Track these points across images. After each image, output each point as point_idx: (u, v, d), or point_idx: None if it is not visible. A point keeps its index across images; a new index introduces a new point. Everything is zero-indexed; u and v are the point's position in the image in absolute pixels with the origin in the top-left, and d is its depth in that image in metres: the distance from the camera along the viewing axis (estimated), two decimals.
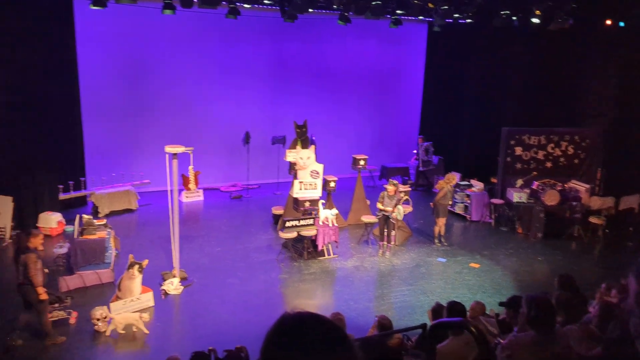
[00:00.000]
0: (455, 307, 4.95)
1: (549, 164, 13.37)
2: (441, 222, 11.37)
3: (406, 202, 11.48)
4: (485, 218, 13.07)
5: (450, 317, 4.84)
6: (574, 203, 11.99)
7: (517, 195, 12.45)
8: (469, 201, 13.22)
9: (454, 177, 11.69)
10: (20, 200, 11.13)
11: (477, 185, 13.44)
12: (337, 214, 11.01)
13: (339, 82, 16.11)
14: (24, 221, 11.07)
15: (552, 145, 13.34)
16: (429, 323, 5.63)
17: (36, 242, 7.10)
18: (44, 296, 7.07)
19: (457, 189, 13.04)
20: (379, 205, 10.65)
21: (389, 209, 10.46)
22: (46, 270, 7.75)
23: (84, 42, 12.55)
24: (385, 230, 10.65)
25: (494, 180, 13.71)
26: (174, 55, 13.93)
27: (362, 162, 12.34)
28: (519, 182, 12.76)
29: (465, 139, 15.77)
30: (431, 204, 11.62)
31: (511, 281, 9.77)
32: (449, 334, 4.63)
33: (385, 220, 10.60)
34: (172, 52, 13.90)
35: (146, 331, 7.46)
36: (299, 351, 1.19)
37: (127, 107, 13.68)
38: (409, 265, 10.38)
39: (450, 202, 11.79)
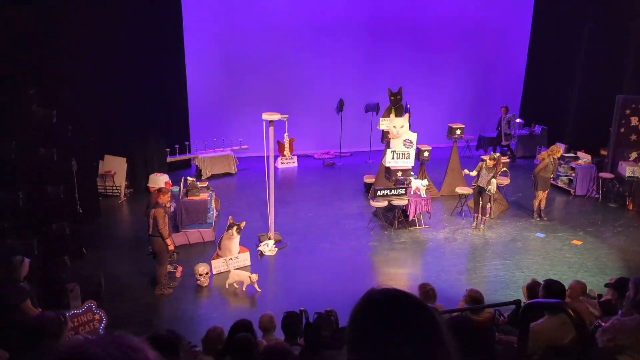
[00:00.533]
0: (553, 286, 4.70)
1: None
2: (541, 195, 10.79)
3: (504, 174, 11.01)
4: (591, 193, 12.20)
5: (547, 296, 4.64)
6: None
7: (630, 169, 11.47)
8: (573, 174, 12.39)
9: (558, 149, 10.94)
10: (133, 161, 12.19)
11: (584, 158, 12.52)
12: (428, 185, 10.84)
13: (436, 47, 15.54)
14: (136, 181, 12.17)
15: None
16: (524, 300, 5.45)
17: (164, 199, 7.82)
18: (172, 247, 7.93)
19: (561, 161, 12.25)
20: (469, 172, 10.41)
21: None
22: None
23: (189, 7, 13.16)
24: (480, 202, 10.33)
25: (604, 152, 12.70)
26: (272, 23, 14.19)
27: (458, 132, 11.94)
28: (633, 155, 11.75)
29: (574, 108, 14.58)
30: (532, 175, 11.04)
31: (617, 261, 9.11)
32: (544, 313, 4.46)
33: (480, 191, 10.27)
34: (271, 19, 14.15)
35: (244, 289, 7.95)
36: (384, 330, 1.16)
37: (228, 77, 14.26)
38: (504, 239, 10.03)
39: (552, 175, 11.08)
